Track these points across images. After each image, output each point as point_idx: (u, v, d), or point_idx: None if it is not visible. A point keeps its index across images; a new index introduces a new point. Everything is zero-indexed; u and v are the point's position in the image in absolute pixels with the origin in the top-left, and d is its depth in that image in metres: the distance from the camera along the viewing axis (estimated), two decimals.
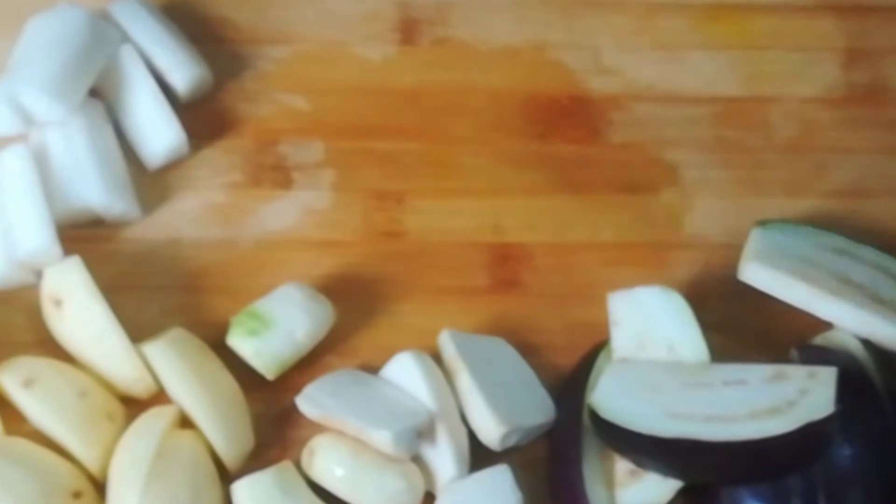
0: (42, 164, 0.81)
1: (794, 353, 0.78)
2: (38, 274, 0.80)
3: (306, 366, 0.79)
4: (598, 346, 0.80)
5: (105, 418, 0.76)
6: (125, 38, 0.87)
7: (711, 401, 0.73)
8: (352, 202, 0.86)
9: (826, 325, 0.79)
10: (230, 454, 0.75)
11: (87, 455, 0.74)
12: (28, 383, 0.75)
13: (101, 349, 0.77)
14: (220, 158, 0.87)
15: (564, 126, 0.89)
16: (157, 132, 0.84)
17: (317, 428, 0.76)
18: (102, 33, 0.85)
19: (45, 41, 0.83)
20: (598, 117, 0.90)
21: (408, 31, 0.92)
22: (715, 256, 0.85)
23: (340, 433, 0.75)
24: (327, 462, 0.75)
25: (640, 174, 0.88)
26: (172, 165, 0.86)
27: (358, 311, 0.82)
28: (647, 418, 0.72)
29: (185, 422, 0.76)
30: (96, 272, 0.78)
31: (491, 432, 0.75)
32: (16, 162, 0.80)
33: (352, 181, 0.86)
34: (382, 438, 0.73)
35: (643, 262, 0.85)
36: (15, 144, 0.82)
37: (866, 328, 0.78)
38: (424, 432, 0.75)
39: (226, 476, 0.76)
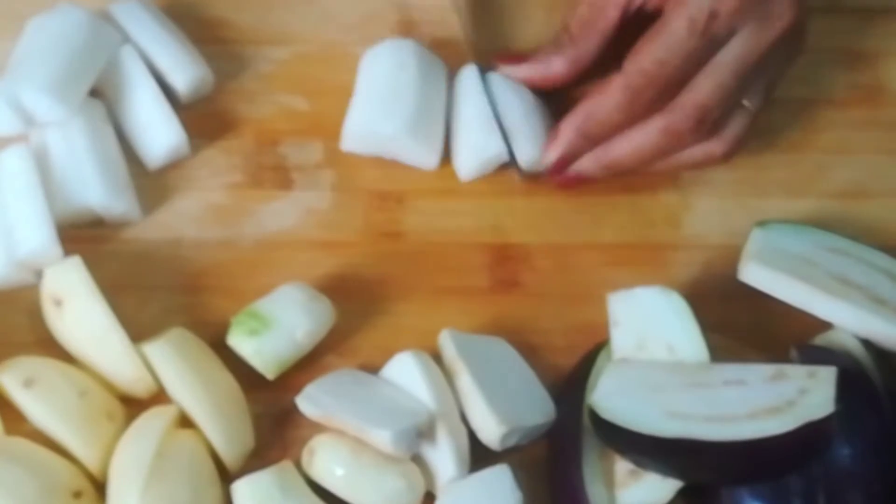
0: (42, 164, 0.81)
1: (793, 352, 0.78)
2: (38, 274, 0.80)
3: (306, 366, 0.79)
4: (598, 347, 0.80)
5: (105, 418, 0.76)
6: (126, 38, 0.87)
7: (711, 401, 0.73)
8: (352, 202, 0.86)
9: (826, 325, 0.79)
10: (230, 454, 0.75)
11: (88, 455, 0.74)
12: (28, 383, 0.75)
13: (101, 349, 0.77)
14: (220, 159, 0.87)
15: None
16: (158, 132, 0.84)
17: (317, 428, 0.76)
18: (102, 33, 0.85)
19: (45, 41, 0.83)
20: None
21: (407, 31, 0.91)
22: (715, 257, 0.85)
23: (340, 433, 0.75)
24: (327, 462, 0.75)
25: (640, 174, 0.88)
26: (172, 165, 0.86)
27: (358, 312, 0.82)
28: (646, 418, 0.72)
29: (185, 421, 0.76)
30: (96, 272, 0.78)
31: (491, 432, 0.75)
32: (16, 162, 0.81)
33: (352, 181, 0.87)
34: (382, 438, 0.73)
35: (643, 263, 0.85)
36: (15, 144, 0.82)
37: (866, 328, 0.78)
38: (424, 432, 0.75)
39: (226, 476, 0.76)
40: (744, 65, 0.80)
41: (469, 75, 0.87)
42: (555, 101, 0.87)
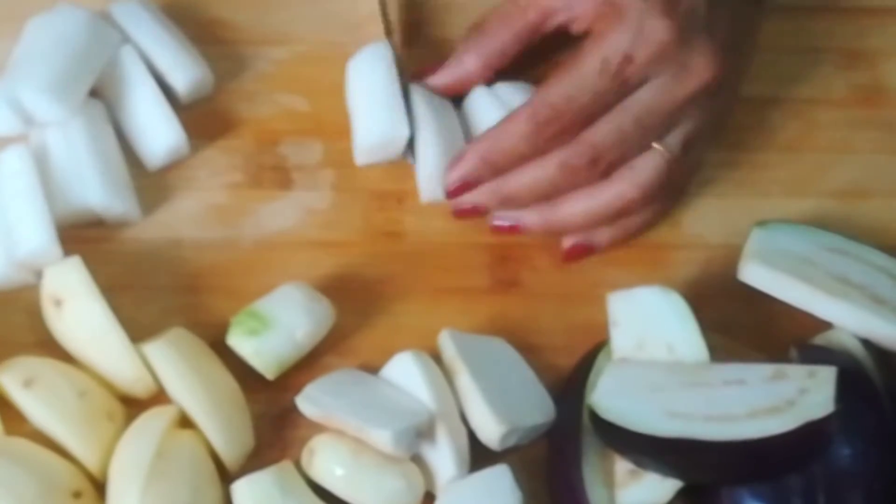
0: (42, 165, 0.81)
1: (793, 352, 0.78)
2: (39, 274, 0.80)
3: (306, 366, 0.79)
4: (598, 346, 0.80)
5: (105, 418, 0.76)
6: (126, 38, 0.87)
7: (711, 400, 0.73)
8: (352, 202, 0.86)
9: (826, 325, 0.79)
10: (230, 454, 0.76)
11: (87, 455, 0.75)
12: (28, 383, 0.75)
13: (101, 349, 0.77)
14: (220, 159, 0.87)
15: None
16: (158, 132, 0.84)
17: (317, 428, 0.76)
18: (102, 34, 0.85)
19: (46, 41, 0.83)
20: None
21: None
22: (714, 256, 0.85)
23: (340, 433, 0.75)
24: (327, 462, 0.75)
25: None
26: (172, 165, 0.86)
27: (358, 311, 0.82)
28: (646, 418, 0.73)
29: (185, 422, 0.76)
30: (96, 272, 0.78)
31: (491, 432, 0.76)
32: (16, 162, 0.80)
33: (351, 181, 0.87)
34: (382, 438, 0.73)
35: (643, 262, 0.85)
36: (15, 144, 0.82)
37: (866, 328, 0.78)
38: (424, 432, 0.75)
39: (226, 476, 0.76)
40: (648, 114, 0.78)
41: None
42: None
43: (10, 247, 0.79)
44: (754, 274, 0.80)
